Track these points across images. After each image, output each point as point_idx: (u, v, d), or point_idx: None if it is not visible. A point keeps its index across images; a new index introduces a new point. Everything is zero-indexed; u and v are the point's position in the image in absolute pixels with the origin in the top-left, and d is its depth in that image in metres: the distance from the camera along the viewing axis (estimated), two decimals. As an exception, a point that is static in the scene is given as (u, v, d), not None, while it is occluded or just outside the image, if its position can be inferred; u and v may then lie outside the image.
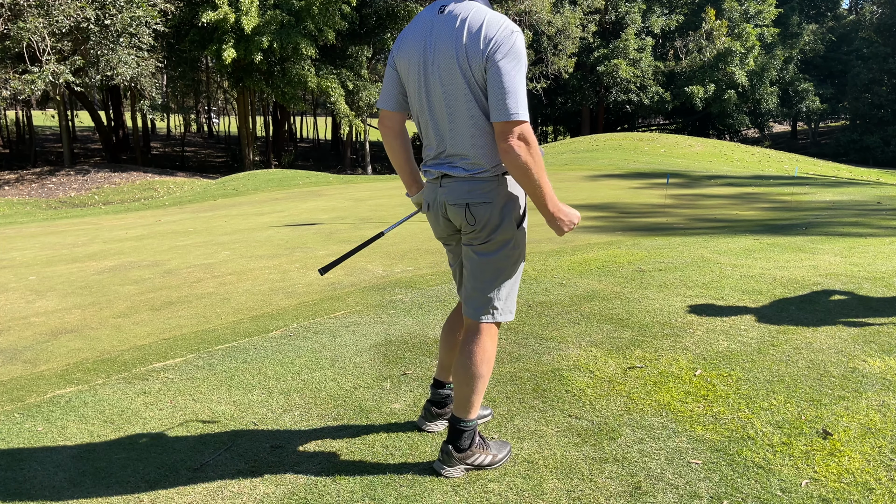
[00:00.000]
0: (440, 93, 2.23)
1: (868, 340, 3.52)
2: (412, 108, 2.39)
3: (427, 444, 2.65)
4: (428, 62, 2.24)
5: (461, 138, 2.24)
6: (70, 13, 17.04)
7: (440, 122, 2.29)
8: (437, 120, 2.29)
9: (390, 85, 2.41)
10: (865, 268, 4.98)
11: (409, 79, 2.32)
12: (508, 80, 2.10)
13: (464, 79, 2.16)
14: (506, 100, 2.09)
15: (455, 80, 2.18)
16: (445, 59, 2.19)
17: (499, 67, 2.11)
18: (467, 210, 2.27)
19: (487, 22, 2.14)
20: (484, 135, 2.22)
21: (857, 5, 53.65)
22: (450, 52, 2.18)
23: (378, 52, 28.08)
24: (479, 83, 2.16)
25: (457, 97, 2.20)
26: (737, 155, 24.59)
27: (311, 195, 14.37)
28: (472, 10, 2.18)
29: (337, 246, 7.11)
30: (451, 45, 2.17)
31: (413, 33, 2.30)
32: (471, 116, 2.20)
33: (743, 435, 2.61)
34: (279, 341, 3.92)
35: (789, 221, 7.78)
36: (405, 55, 2.30)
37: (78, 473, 2.53)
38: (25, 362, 3.89)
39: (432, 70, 2.23)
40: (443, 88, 2.21)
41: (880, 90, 41.40)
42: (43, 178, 21.18)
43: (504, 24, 2.15)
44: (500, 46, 2.11)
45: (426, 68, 2.25)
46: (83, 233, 10.37)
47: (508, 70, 2.11)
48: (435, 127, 2.31)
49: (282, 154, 32.61)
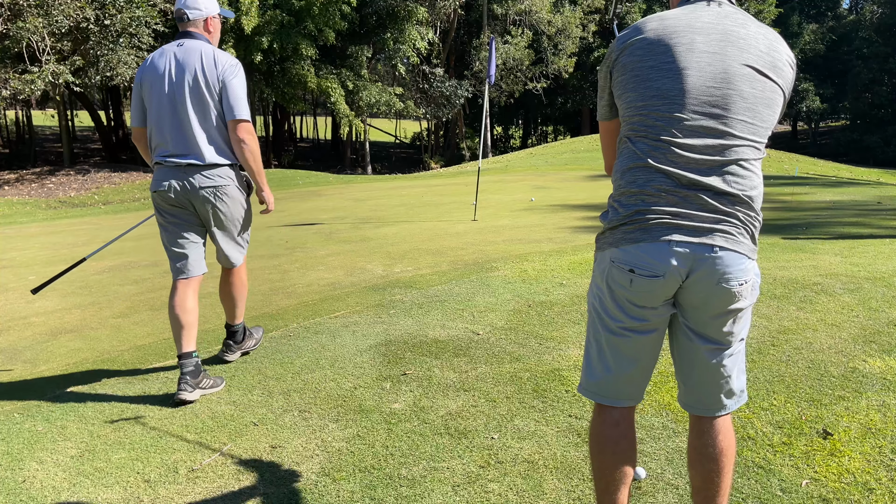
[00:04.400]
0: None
1: (868, 340, 3.52)
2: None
3: (427, 444, 2.65)
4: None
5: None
6: (70, 13, 17.04)
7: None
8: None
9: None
10: (865, 268, 4.97)
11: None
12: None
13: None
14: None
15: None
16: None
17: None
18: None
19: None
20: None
21: (857, 5, 53.66)
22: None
23: (378, 52, 28.07)
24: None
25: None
26: (737, 155, 24.56)
27: (311, 195, 14.36)
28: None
29: (337, 246, 7.12)
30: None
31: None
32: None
33: (743, 435, 2.61)
34: (279, 341, 3.92)
35: (789, 221, 7.77)
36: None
37: (78, 473, 2.53)
38: (25, 362, 3.89)
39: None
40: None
41: (880, 90, 41.38)
42: (43, 178, 21.18)
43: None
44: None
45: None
46: (83, 233, 10.37)
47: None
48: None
49: (282, 154, 32.60)
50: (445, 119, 33.53)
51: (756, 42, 1.65)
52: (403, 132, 44.23)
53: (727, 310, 1.66)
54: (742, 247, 1.63)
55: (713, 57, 1.62)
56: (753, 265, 1.68)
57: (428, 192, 13.46)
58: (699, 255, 1.60)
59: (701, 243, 1.60)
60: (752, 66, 1.62)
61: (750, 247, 1.65)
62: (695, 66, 1.62)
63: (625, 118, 1.73)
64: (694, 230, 1.60)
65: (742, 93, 1.61)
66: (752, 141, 1.63)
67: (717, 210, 1.60)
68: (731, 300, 1.65)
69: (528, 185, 13.96)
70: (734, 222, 1.62)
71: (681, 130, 1.61)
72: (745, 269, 1.64)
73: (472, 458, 2.53)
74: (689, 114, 1.61)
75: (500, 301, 4.50)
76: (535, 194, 11.82)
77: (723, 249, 1.61)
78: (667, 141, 1.62)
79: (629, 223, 1.66)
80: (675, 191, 1.61)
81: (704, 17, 1.67)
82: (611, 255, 1.70)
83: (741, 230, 1.63)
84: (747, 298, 1.68)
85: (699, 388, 1.77)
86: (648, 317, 1.70)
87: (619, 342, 1.74)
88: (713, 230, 1.60)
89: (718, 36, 1.64)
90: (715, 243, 1.60)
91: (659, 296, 1.67)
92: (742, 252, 1.62)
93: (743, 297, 1.66)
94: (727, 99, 1.60)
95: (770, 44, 1.66)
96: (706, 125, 1.60)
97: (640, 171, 1.65)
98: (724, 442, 1.76)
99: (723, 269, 1.61)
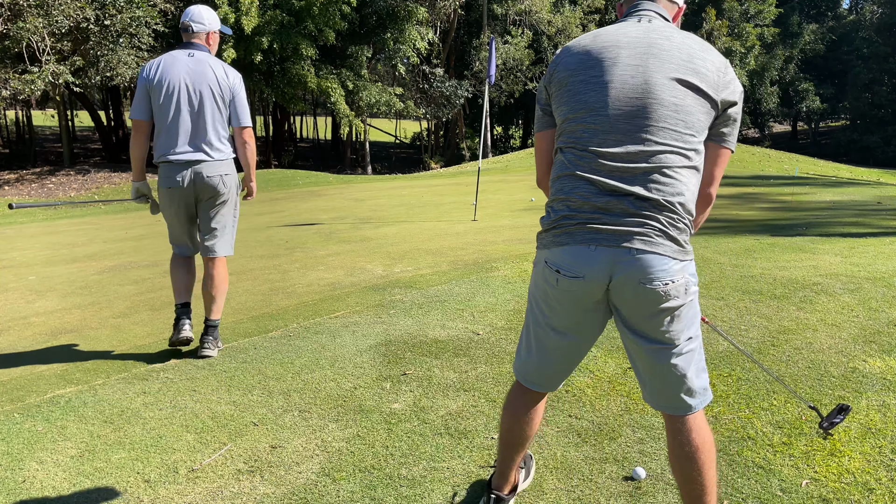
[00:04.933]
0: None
1: (868, 340, 3.52)
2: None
3: (427, 444, 2.65)
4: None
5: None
6: (70, 13, 17.03)
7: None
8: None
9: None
10: (865, 268, 4.97)
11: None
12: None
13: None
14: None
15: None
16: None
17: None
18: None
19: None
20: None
21: (857, 5, 53.64)
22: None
23: (378, 52, 28.06)
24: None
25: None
26: (737, 155, 24.59)
27: (311, 195, 14.36)
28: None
29: (337, 245, 7.12)
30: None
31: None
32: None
33: (743, 435, 2.61)
34: (279, 341, 3.92)
35: (789, 221, 7.78)
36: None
37: (78, 473, 2.53)
38: (25, 362, 3.89)
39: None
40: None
41: (880, 90, 41.36)
42: (43, 178, 21.18)
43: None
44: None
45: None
46: (83, 233, 10.37)
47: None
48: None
49: (282, 154, 32.60)
50: (445, 119, 33.52)
51: (678, 52, 1.73)
52: (403, 132, 44.24)
53: (659, 309, 1.72)
54: (663, 248, 1.69)
55: (636, 69, 1.72)
56: (685, 266, 1.73)
57: (428, 192, 13.46)
58: (619, 259, 1.69)
59: (619, 247, 1.69)
60: (673, 76, 1.70)
61: (674, 248, 1.70)
62: (618, 78, 1.72)
63: (558, 131, 1.85)
64: (613, 234, 1.69)
65: (662, 101, 1.69)
66: (676, 147, 1.70)
67: (637, 215, 1.69)
68: (659, 300, 1.70)
69: (528, 185, 13.96)
70: (654, 226, 1.69)
71: (604, 141, 1.72)
72: (670, 269, 1.70)
73: (472, 458, 2.53)
74: (612, 124, 1.71)
75: (500, 301, 4.50)
76: (535, 194, 11.82)
77: (641, 252, 1.68)
78: (592, 151, 1.73)
79: (557, 227, 1.78)
80: (598, 198, 1.71)
81: (632, 33, 1.78)
82: (544, 255, 1.83)
83: (661, 233, 1.69)
84: (678, 298, 1.72)
85: (658, 388, 1.83)
86: (572, 323, 1.83)
87: (542, 335, 1.90)
88: (632, 234, 1.68)
89: (643, 49, 1.74)
90: (633, 246, 1.68)
91: (583, 297, 1.77)
92: (663, 254, 1.69)
93: (672, 296, 1.71)
94: (648, 108, 1.69)
95: (693, 52, 1.73)
96: (628, 135, 1.70)
97: (567, 179, 1.77)
98: (698, 439, 1.81)
99: (643, 270, 1.69)
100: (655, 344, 1.77)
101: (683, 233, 1.73)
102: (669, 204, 1.69)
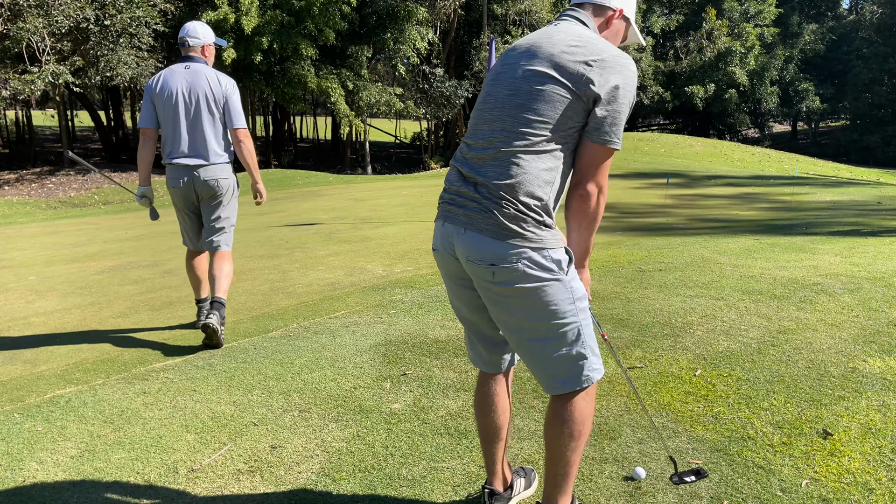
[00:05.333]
0: None
1: (868, 340, 3.52)
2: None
3: (427, 444, 2.65)
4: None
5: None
6: (70, 13, 17.03)
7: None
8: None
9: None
10: (865, 268, 4.97)
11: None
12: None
13: None
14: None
15: None
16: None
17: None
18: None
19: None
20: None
21: (857, 5, 53.62)
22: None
23: (378, 52, 28.05)
24: None
25: None
26: (737, 155, 24.59)
27: (311, 195, 14.36)
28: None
29: (337, 245, 7.12)
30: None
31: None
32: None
33: (743, 435, 2.61)
34: (279, 341, 3.92)
35: (789, 221, 7.78)
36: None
37: (78, 473, 2.53)
38: (25, 362, 3.89)
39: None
40: None
41: (880, 90, 41.34)
42: (43, 178, 21.18)
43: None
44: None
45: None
46: (83, 233, 10.37)
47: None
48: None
49: (282, 154, 32.60)
50: (445, 119, 33.51)
51: (550, 47, 1.82)
52: (403, 132, 44.22)
53: (494, 291, 1.82)
54: (492, 230, 1.77)
55: (511, 66, 1.86)
56: (522, 251, 1.76)
57: (428, 193, 13.46)
58: (456, 236, 1.85)
59: (455, 225, 1.85)
60: (535, 68, 1.80)
61: (504, 232, 1.76)
62: (499, 76, 1.88)
63: None
64: (455, 214, 1.86)
65: (519, 92, 1.81)
66: (524, 135, 1.78)
67: (474, 199, 1.81)
68: (487, 278, 1.80)
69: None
70: (488, 208, 1.78)
71: (475, 133, 1.89)
72: (497, 251, 1.77)
73: (472, 458, 2.53)
74: (483, 117, 1.87)
75: (500, 301, 4.50)
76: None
77: (470, 231, 1.80)
78: (465, 142, 1.92)
79: (439, 207, 1.97)
80: (458, 183, 1.89)
81: (534, 35, 1.89)
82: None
83: (491, 215, 1.77)
84: (514, 282, 1.77)
85: (525, 363, 1.94)
86: (456, 297, 2.01)
87: (454, 308, 2.09)
88: (469, 216, 1.81)
89: (526, 47, 1.87)
90: (464, 226, 1.82)
91: (447, 270, 1.96)
92: (492, 236, 1.77)
93: (502, 279, 1.78)
94: (507, 100, 1.82)
95: (562, 47, 1.80)
96: (487, 125, 1.85)
97: (451, 167, 1.96)
98: (554, 419, 1.91)
99: (470, 248, 1.81)
100: (504, 326, 1.88)
101: (520, 219, 1.76)
102: (507, 189, 1.76)
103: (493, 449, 2.14)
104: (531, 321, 1.82)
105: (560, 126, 1.77)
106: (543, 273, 1.77)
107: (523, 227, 1.76)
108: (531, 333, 1.84)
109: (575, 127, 1.79)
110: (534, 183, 1.77)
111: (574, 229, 1.88)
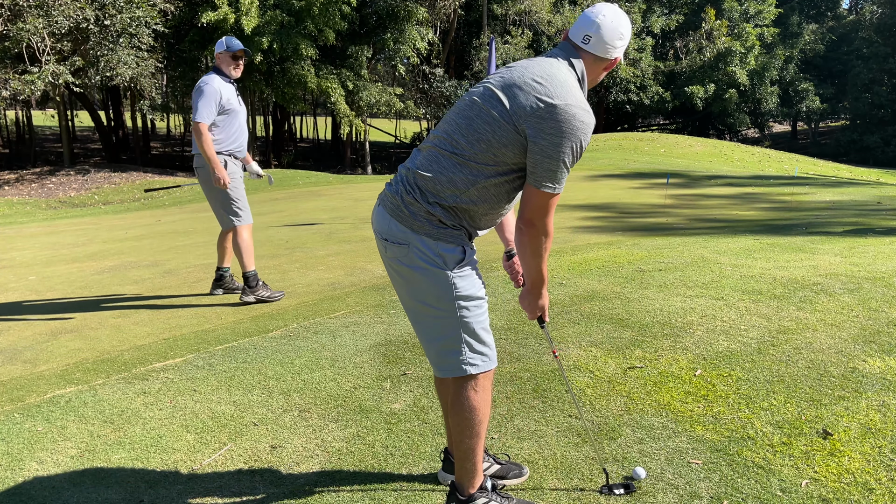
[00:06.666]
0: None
1: (868, 340, 3.51)
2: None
3: (427, 444, 2.65)
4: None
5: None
6: (70, 13, 17.02)
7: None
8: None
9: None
10: (865, 268, 4.97)
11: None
12: None
13: None
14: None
15: None
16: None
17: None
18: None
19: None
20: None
21: (857, 5, 53.61)
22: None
23: (378, 52, 28.05)
24: None
25: None
26: (737, 155, 24.59)
27: (311, 195, 14.36)
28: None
29: (337, 245, 7.12)
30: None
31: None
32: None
33: (743, 435, 2.61)
34: (279, 341, 3.92)
35: (789, 221, 7.78)
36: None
37: (78, 473, 2.53)
38: (25, 362, 3.89)
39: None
40: None
41: (880, 90, 41.33)
42: (43, 178, 21.17)
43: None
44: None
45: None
46: (83, 233, 10.36)
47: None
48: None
49: (282, 154, 32.60)
50: (445, 119, 33.49)
51: (520, 76, 1.94)
52: (403, 132, 44.21)
53: (388, 264, 2.07)
54: (398, 215, 2.00)
55: (488, 81, 2.03)
56: (419, 239, 1.96)
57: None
58: (377, 215, 2.08)
59: (378, 207, 2.09)
60: (495, 91, 1.94)
61: (408, 219, 1.97)
62: (481, 84, 2.04)
63: None
64: (384, 196, 2.09)
65: (473, 105, 1.97)
66: (456, 141, 1.96)
67: (398, 183, 2.05)
68: (382, 249, 2.06)
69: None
70: (404, 197, 2.00)
71: (433, 137, 2.08)
72: (391, 230, 2.00)
73: (472, 458, 2.52)
74: (445, 115, 2.08)
75: (500, 301, 4.50)
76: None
77: (381, 206, 2.07)
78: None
79: None
80: (405, 176, 2.07)
81: (524, 60, 2.03)
82: None
83: (403, 205, 1.99)
84: (403, 263, 1.98)
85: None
86: (393, 282, 2.13)
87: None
88: (388, 195, 2.06)
89: (510, 67, 2.04)
90: (380, 202, 2.08)
91: (380, 250, 2.10)
92: (397, 220, 1.99)
93: (395, 256, 2.00)
94: (464, 109, 2.00)
95: (522, 80, 1.92)
96: (443, 124, 2.05)
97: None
98: (452, 406, 2.09)
99: (375, 221, 2.08)
100: (402, 302, 2.11)
101: (417, 211, 1.96)
102: (420, 187, 1.99)
103: (452, 442, 2.26)
104: (415, 301, 2.04)
105: (492, 147, 1.92)
106: (426, 263, 1.96)
107: (418, 218, 1.96)
108: (415, 316, 2.08)
109: (511, 157, 1.92)
110: (444, 184, 1.96)
111: (520, 257, 2.06)
